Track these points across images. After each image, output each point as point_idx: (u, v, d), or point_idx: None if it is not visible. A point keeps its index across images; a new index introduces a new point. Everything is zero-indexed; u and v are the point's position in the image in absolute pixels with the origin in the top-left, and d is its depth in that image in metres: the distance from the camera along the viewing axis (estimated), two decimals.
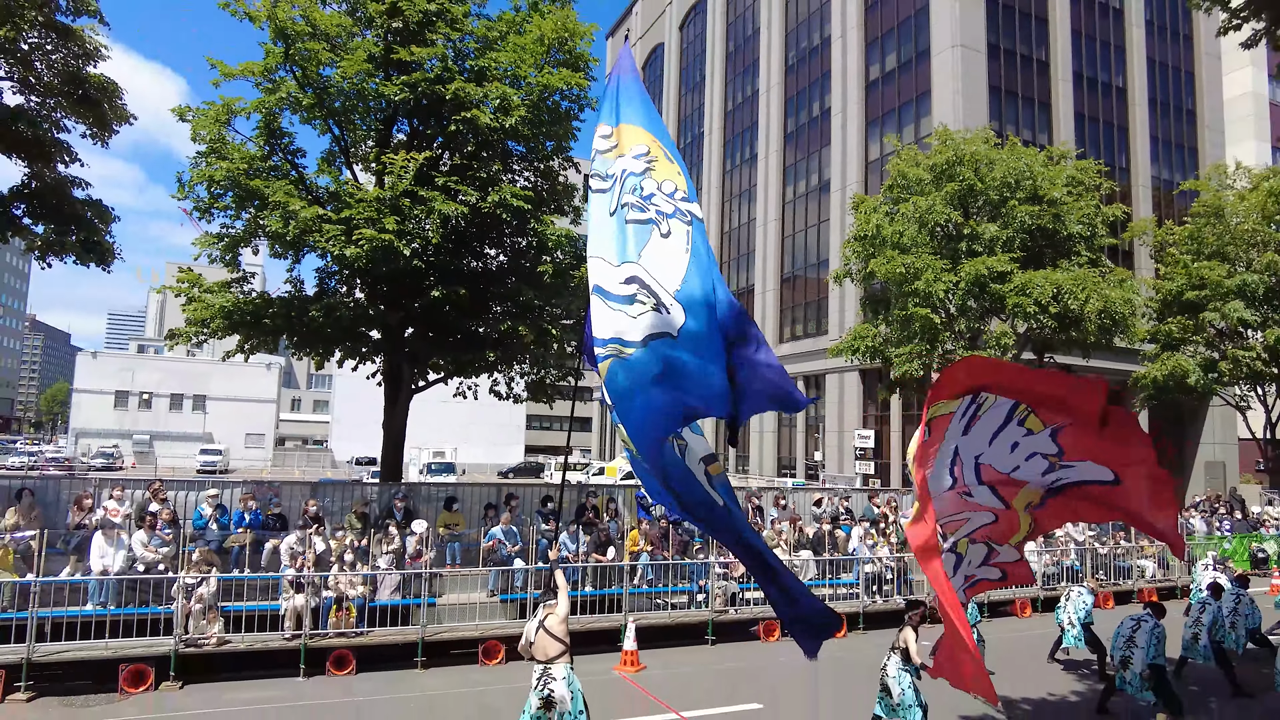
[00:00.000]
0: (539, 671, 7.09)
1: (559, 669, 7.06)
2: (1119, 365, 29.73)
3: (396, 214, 13.26)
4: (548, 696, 6.98)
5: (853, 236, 21.46)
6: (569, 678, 7.07)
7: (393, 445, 16.48)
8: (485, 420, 62.40)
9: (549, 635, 7.14)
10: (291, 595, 10.90)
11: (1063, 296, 18.25)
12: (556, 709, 6.91)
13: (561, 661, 7.09)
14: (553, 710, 6.93)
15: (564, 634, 7.16)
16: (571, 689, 7.05)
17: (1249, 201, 25.04)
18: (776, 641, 13.14)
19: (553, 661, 7.06)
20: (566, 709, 6.93)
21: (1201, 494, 30.12)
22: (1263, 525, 22.88)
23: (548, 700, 6.97)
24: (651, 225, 5.38)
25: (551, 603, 7.32)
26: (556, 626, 7.14)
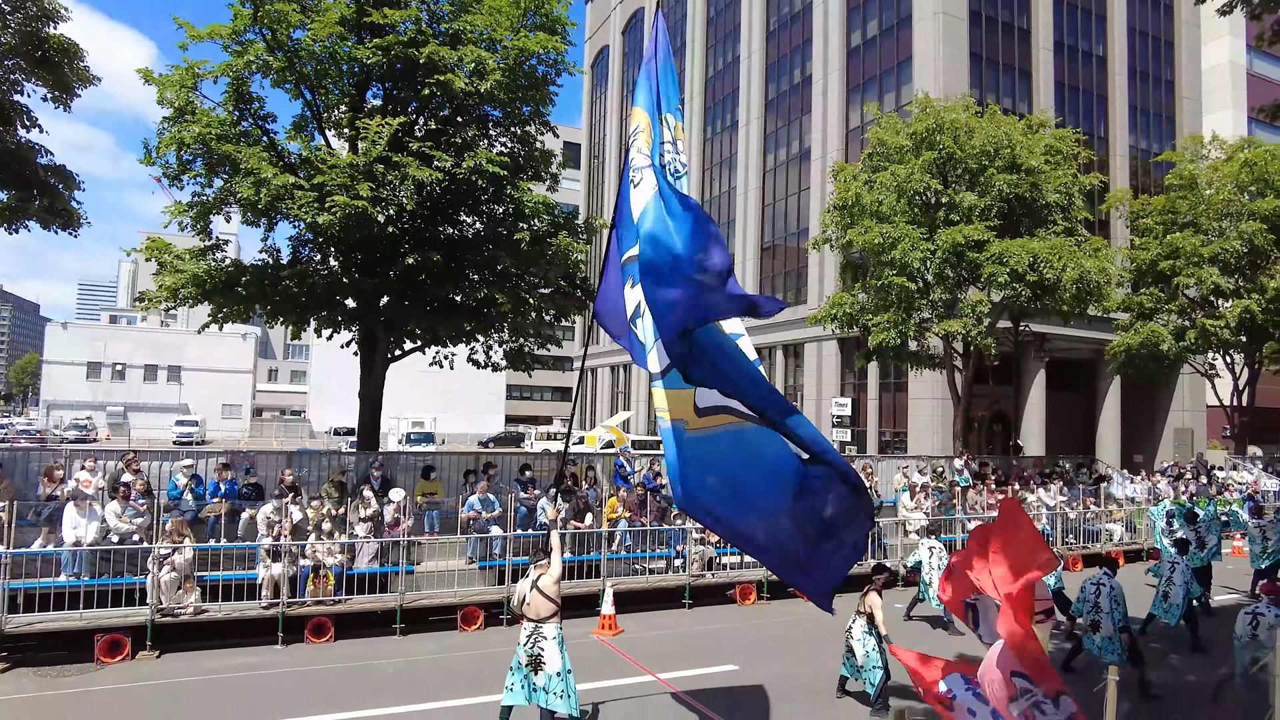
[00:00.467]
0: (530, 630, 7.19)
1: (550, 628, 7.18)
2: (1093, 334, 30.10)
3: (370, 180, 13.05)
4: (537, 655, 7.11)
5: (832, 205, 21.40)
6: (559, 637, 7.21)
7: (369, 414, 16.40)
8: (465, 390, 62.27)
9: (542, 595, 7.24)
10: (268, 564, 10.89)
11: (1039, 265, 18.37)
12: (545, 668, 7.04)
13: (553, 622, 7.22)
14: (541, 668, 7.06)
15: (556, 595, 7.29)
16: (560, 649, 7.20)
17: (1222, 172, 25.28)
18: (752, 605, 13.35)
19: (544, 621, 7.18)
20: (556, 668, 7.06)
21: (1170, 460, 30.79)
22: (1226, 490, 23.43)
23: (536, 659, 7.11)
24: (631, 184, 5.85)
25: (544, 563, 7.42)
26: (550, 587, 7.25)
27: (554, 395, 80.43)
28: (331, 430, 54.12)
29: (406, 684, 9.09)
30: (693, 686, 9.16)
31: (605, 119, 66.62)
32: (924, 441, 30.80)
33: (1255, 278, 23.86)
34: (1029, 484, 19.89)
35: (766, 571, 13.90)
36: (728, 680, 9.51)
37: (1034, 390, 32.41)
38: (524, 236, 14.54)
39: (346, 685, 9.04)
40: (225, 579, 10.74)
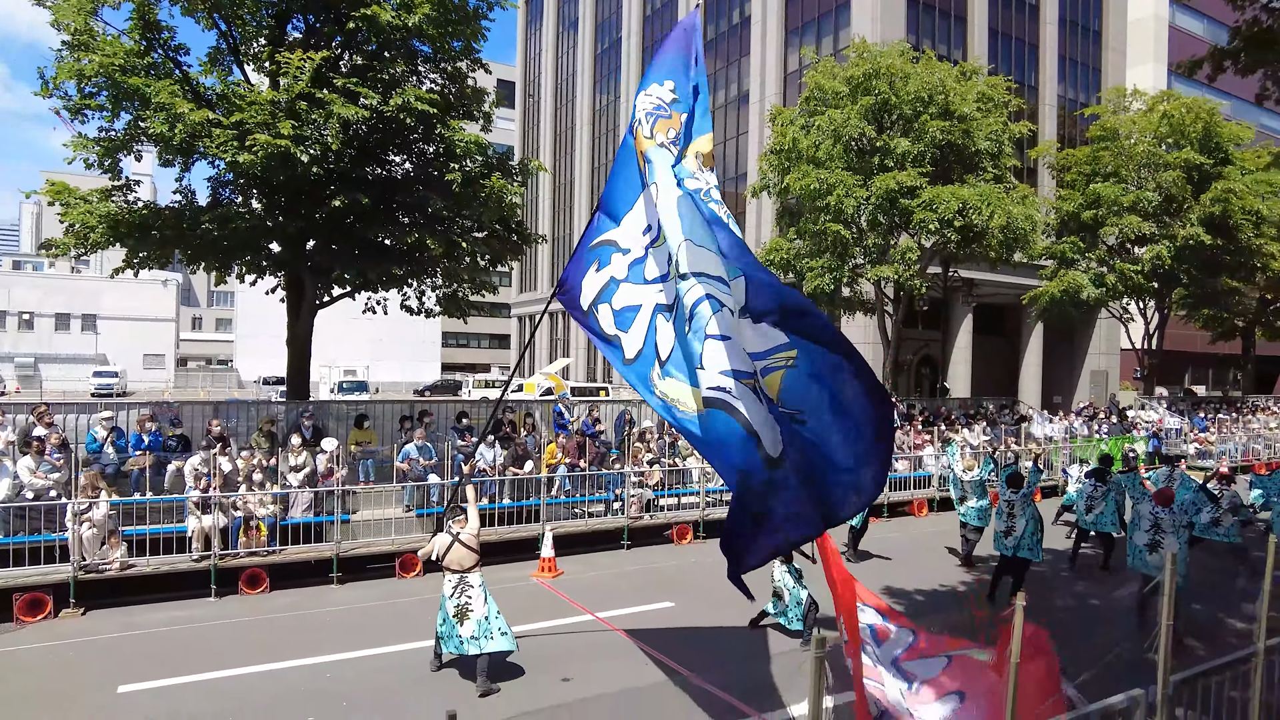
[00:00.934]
0: (455, 581, 7.38)
1: (474, 577, 7.43)
2: (1018, 280, 31.12)
3: (293, 118, 12.44)
4: (464, 605, 7.27)
5: (769, 150, 21.40)
6: (483, 584, 7.48)
7: (298, 362, 15.96)
8: (398, 338, 61.17)
9: (465, 547, 7.46)
10: (198, 516, 10.63)
11: (968, 212, 18.79)
12: (472, 616, 7.20)
13: (476, 571, 7.45)
14: (468, 619, 7.22)
15: (477, 545, 7.50)
16: (485, 594, 7.43)
17: (1141, 125, 26.12)
18: (688, 544, 13.68)
19: (469, 571, 7.41)
20: (483, 614, 7.26)
21: (1085, 400, 32.39)
22: (1135, 428, 24.84)
23: (463, 608, 7.26)
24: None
25: (461, 518, 7.61)
26: (471, 540, 7.47)
27: (491, 343, 79.60)
28: (261, 380, 52.58)
29: (346, 631, 9.07)
30: (631, 624, 9.39)
31: (540, 56, 64.74)
32: None
33: (1170, 226, 24.92)
34: (954, 425, 20.70)
35: (702, 512, 14.24)
36: (664, 617, 9.78)
37: (961, 334, 33.47)
38: (456, 177, 14.13)
39: (284, 635, 8.99)
40: (153, 533, 10.47)
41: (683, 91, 6.18)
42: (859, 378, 4.65)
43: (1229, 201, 24.08)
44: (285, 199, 14.31)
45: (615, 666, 8.08)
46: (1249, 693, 4.56)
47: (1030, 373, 36.82)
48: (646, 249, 6.16)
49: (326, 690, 7.44)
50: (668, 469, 14.61)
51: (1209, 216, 24.32)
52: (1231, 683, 4.55)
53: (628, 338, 6.19)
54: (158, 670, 7.83)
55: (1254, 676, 4.53)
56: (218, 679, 7.67)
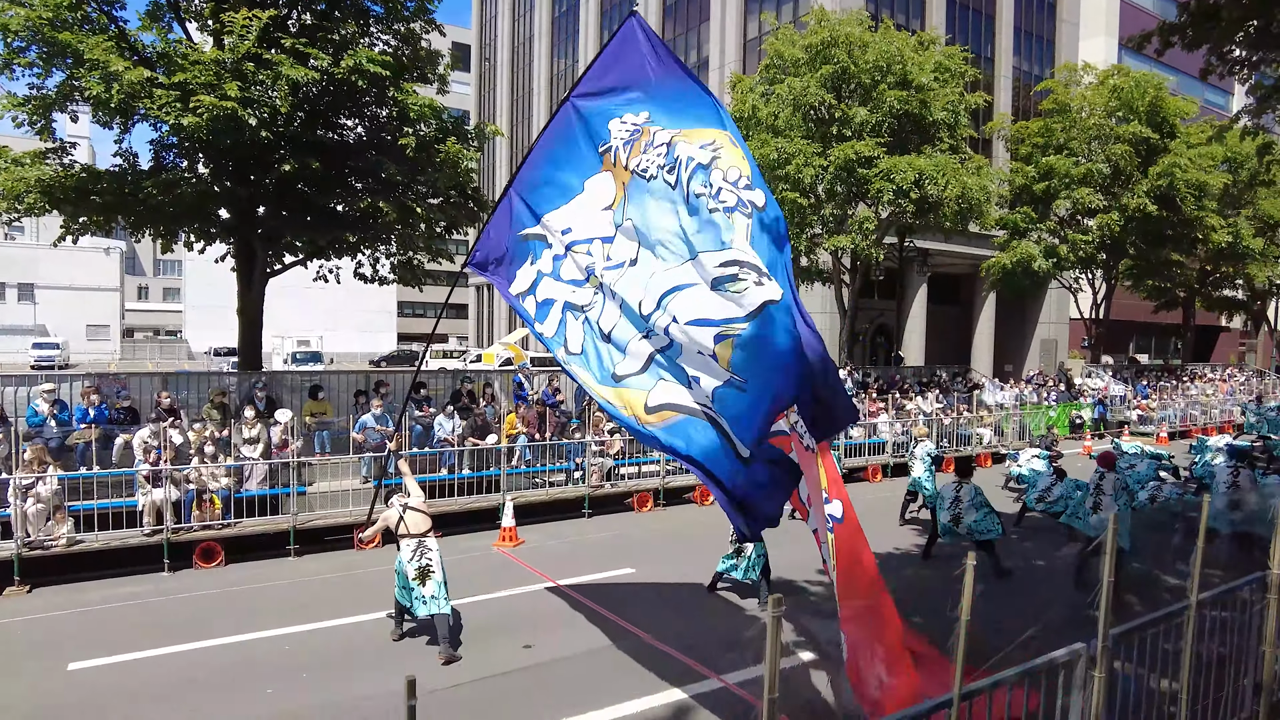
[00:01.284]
0: (414, 545, 7.51)
1: (431, 540, 7.58)
2: (972, 250, 31.67)
3: (239, 79, 12.02)
4: (425, 566, 7.40)
5: None
6: (439, 548, 7.65)
7: (250, 333, 15.60)
8: (354, 307, 60.06)
9: (418, 512, 7.60)
10: (148, 490, 10.40)
11: (924, 182, 19.01)
12: (433, 577, 7.34)
13: (432, 534, 7.56)
14: (429, 579, 7.35)
15: (428, 509, 7.72)
16: (440, 558, 7.62)
17: (1092, 100, 26.61)
18: (649, 511, 13.82)
19: (426, 535, 7.55)
20: (440, 577, 7.41)
21: (1035, 369, 33.29)
22: (1082, 395, 25.64)
23: (425, 570, 7.39)
24: (732, 212, 5.22)
25: (402, 494, 7.79)
26: (421, 505, 7.64)
27: (449, 312, 78.54)
28: (211, 351, 51.24)
29: (305, 603, 9.01)
30: (592, 591, 9.48)
31: (496, 19, 63.35)
32: None
33: (1119, 197, 25.53)
34: (908, 393, 21.13)
35: (663, 480, 14.37)
36: (625, 582, 9.89)
37: (916, 304, 34.03)
38: (409, 142, 13.82)
39: (242, 608, 8.88)
40: (101, 507, 10.20)
41: (656, 105, 5.95)
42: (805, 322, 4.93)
43: (1174, 175, 24.73)
44: (233, 164, 13.87)
45: (577, 633, 8.17)
46: (1181, 644, 4.78)
47: (982, 342, 37.65)
48: (566, 249, 6.20)
49: (286, 662, 7.40)
50: (628, 438, 14.67)
51: (1155, 189, 24.97)
52: (1165, 635, 4.77)
53: (548, 327, 6.35)
54: (111, 646, 7.69)
55: (1186, 628, 4.76)
56: (174, 653, 7.56)
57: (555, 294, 6.31)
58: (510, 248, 6.69)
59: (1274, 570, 5.46)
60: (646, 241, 5.66)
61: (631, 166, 5.78)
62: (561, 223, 6.26)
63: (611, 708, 6.43)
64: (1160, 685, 4.86)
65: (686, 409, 5.35)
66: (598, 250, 5.98)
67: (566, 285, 6.24)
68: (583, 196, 6.15)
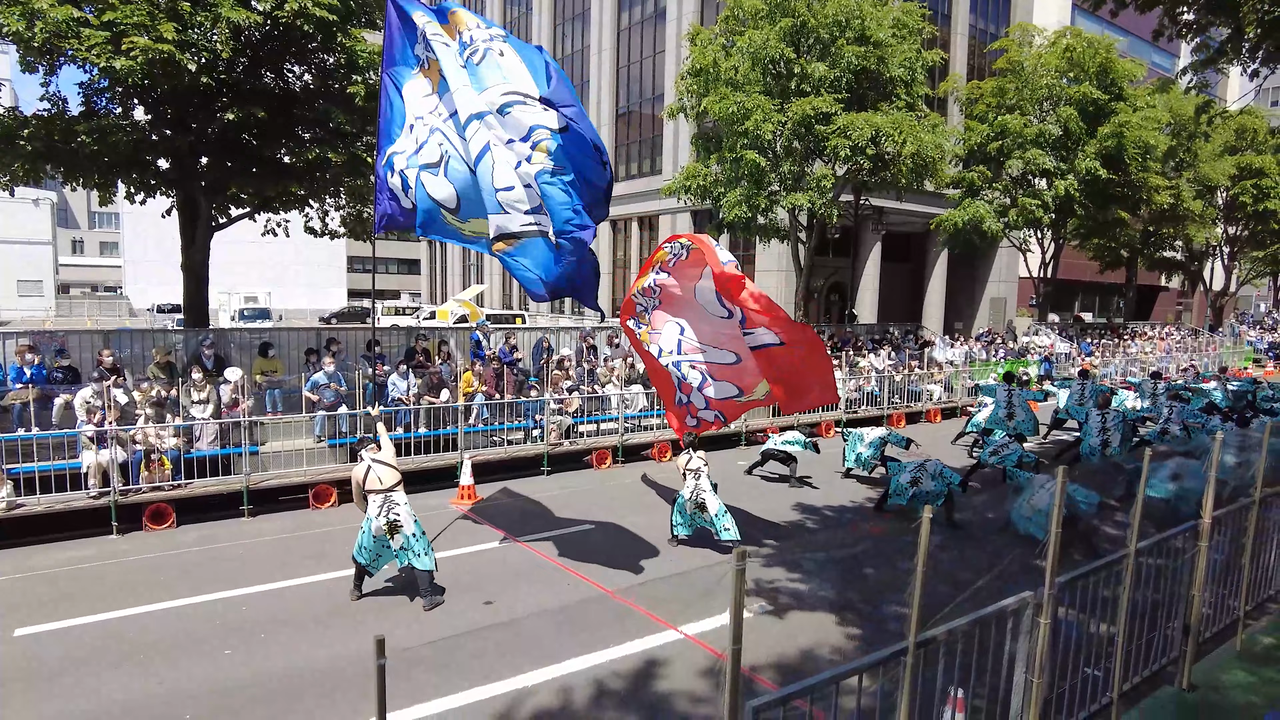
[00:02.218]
0: (381, 500, 7.48)
1: (398, 494, 7.54)
2: (926, 208, 32.00)
3: (175, 20, 11.44)
4: (394, 520, 7.39)
5: (687, 71, 21.01)
6: (407, 502, 7.65)
7: (195, 288, 15.11)
8: (302, 262, 58.57)
9: (386, 466, 7.56)
10: (94, 451, 10.09)
11: (880, 139, 19.05)
12: (402, 529, 7.35)
13: (399, 488, 7.51)
14: (398, 532, 7.36)
15: (396, 464, 7.59)
16: (411, 512, 7.65)
17: (1045, 60, 26.86)
18: (607, 469, 13.91)
19: (393, 489, 7.50)
20: (412, 530, 7.42)
21: (985, 326, 34.08)
22: (1028, 352, 26.37)
23: (394, 524, 7.40)
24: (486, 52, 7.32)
25: (371, 445, 7.71)
26: (390, 458, 7.56)
27: (401, 268, 77.15)
28: (154, 307, 49.58)
29: (260, 564, 8.90)
30: (551, 547, 9.55)
31: None
32: None
33: (1070, 160, 25.96)
34: (861, 350, 21.48)
35: (622, 438, 14.45)
36: (585, 538, 9.98)
37: (869, 262, 34.39)
38: (358, 90, 13.36)
39: (196, 570, 8.74)
40: (42, 470, 9.87)
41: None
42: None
43: (1123, 135, 25.22)
44: (172, 110, 13.27)
45: (537, 588, 8.24)
46: (1119, 590, 5.02)
47: (934, 299, 38.32)
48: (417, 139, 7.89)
49: (244, 623, 7.33)
50: (587, 396, 14.68)
51: (1104, 149, 25.45)
52: (1105, 582, 5.00)
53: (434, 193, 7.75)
54: (58, 611, 7.52)
55: (1125, 575, 4.99)
56: (126, 616, 7.43)
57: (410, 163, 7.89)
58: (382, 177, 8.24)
59: (1205, 519, 5.74)
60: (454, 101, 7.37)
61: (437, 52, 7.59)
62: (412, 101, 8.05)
63: (575, 659, 6.53)
64: (1100, 629, 5.11)
65: (520, 234, 7.18)
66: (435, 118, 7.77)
67: (416, 156, 7.82)
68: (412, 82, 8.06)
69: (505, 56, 7.18)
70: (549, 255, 7.08)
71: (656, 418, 15.48)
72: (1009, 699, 4.45)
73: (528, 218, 7.07)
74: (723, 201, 20.78)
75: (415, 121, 7.86)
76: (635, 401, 15.32)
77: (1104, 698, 5.15)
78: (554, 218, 6.83)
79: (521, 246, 7.25)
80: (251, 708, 5.85)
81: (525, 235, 7.18)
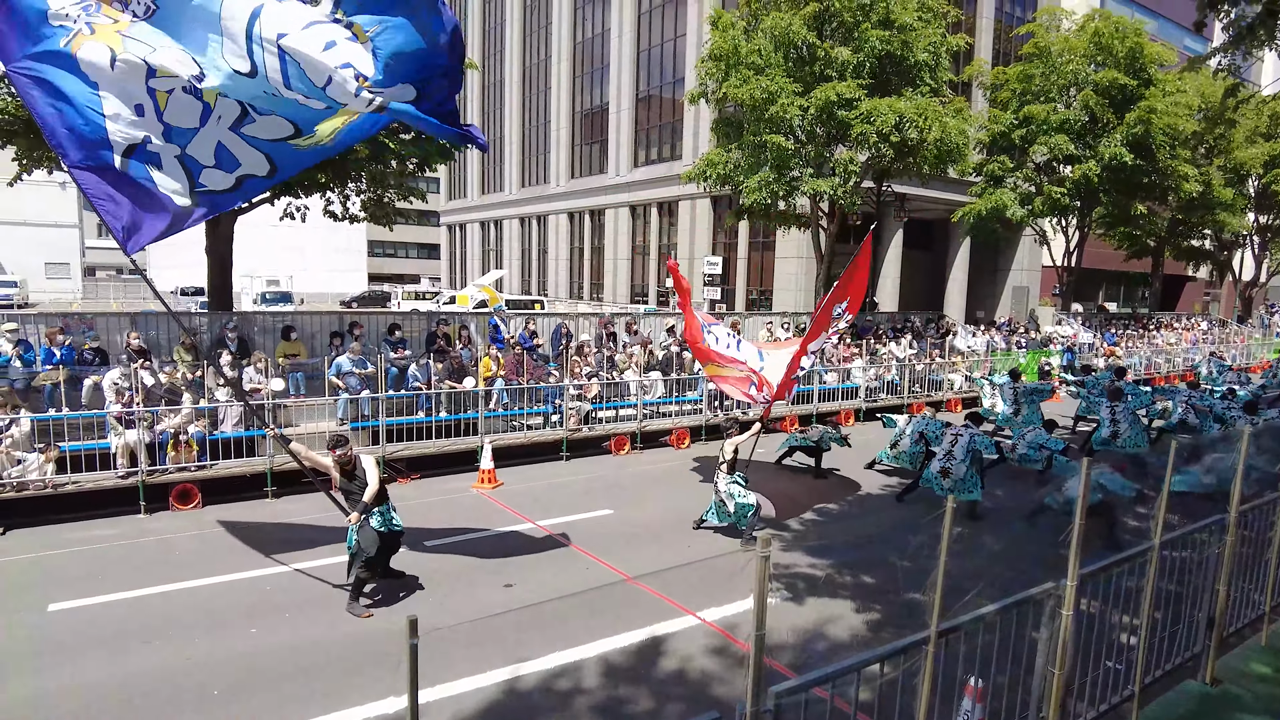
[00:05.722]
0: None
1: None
2: (948, 195, 31.68)
3: None
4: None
5: (708, 55, 20.84)
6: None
7: (219, 272, 15.26)
8: (323, 246, 58.89)
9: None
10: (121, 432, 10.27)
11: (904, 126, 18.83)
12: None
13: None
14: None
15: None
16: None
17: (1073, 44, 26.38)
18: (626, 454, 13.96)
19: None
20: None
21: (1007, 315, 33.74)
22: (1051, 342, 26.08)
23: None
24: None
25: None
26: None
27: (420, 252, 77.48)
28: (178, 290, 50.11)
29: (284, 544, 9.03)
30: (570, 531, 9.62)
31: None
32: (788, 299, 32.14)
33: (1095, 145, 25.54)
34: (882, 338, 21.35)
35: (640, 424, 14.49)
36: (603, 523, 10.05)
37: (891, 249, 34.12)
38: None
39: (221, 549, 8.90)
40: (73, 450, 10.07)
41: None
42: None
43: (1150, 121, 24.76)
44: None
45: (556, 572, 8.31)
46: (1143, 581, 4.99)
47: (955, 288, 37.98)
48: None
49: (268, 602, 7.46)
50: (606, 382, 14.72)
51: (1131, 135, 25.01)
52: (1129, 574, 4.97)
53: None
54: (90, 587, 7.69)
55: (1149, 568, 4.96)
56: (155, 594, 7.59)
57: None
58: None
59: (1232, 513, 5.68)
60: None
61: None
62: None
63: (594, 643, 6.59)
64: (1121, 620, 5.09)
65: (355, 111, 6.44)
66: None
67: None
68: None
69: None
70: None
71: (675, 404, 15.50)
72: (1029, 689, 4.45)
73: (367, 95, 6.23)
74: (743, 187, 20.65)
75: (151, 93, 6.37)
76: (654, 388, 15.34)
77: (1125, 690, 5.13)
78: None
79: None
80: (277, 682, 5.97)
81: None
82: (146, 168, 6.52)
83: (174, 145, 6.56)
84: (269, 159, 6.92)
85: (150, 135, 6.46)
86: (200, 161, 6.68)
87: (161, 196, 6.60)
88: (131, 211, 6.50)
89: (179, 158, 6.62)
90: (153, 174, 6.55)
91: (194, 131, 6.56)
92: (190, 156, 6.63)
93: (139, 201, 6.52)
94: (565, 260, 49.38)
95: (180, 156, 6.61)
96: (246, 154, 6.82)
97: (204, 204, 6.83)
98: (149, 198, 6.56)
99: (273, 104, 6.56)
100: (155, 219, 6.62)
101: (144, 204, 6.56)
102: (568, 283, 49.26)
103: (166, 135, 6.51)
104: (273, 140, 6.83)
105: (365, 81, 6.08)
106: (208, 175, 6.76)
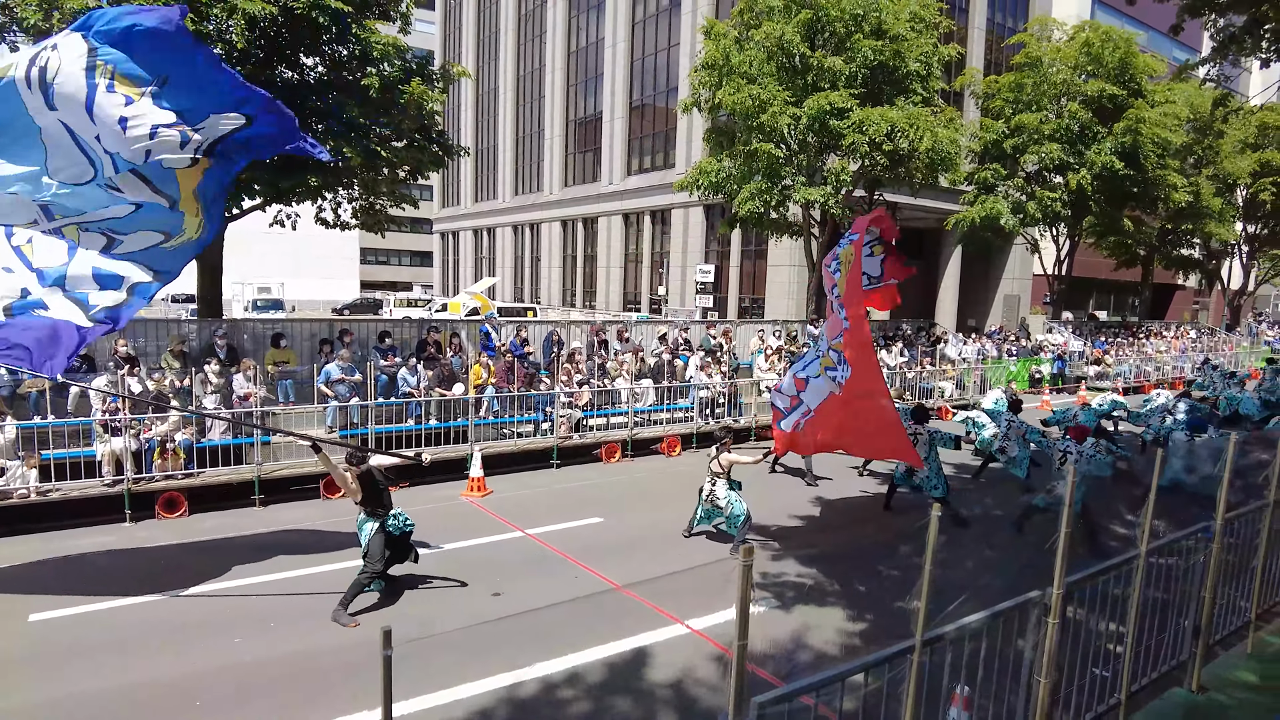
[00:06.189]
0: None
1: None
2: (939, 204, 31.78)
3: (193, 12, 11.47)
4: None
5: (701, 65, 20.92)
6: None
7: (209, 279, 15.22)
8: (314, 253, 58.77)
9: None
10: (107, 440, 10.19)
11: (895, 135, 18.91)
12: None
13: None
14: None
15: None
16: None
17: (1064, 54, 26.59)
18: (616, 462, 13.92)
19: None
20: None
21: (998, 324, 33.86)
22: (1042, 351, 26.18)
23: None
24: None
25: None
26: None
27: (412, 259, 77.35)
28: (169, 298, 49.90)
29: (271, 552, 8.96)
30: (560, 540, 9.57)
31: None
32: (779, 306, 32.18)
33: (1086, 155, 25.70)
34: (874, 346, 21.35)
35: (631, 431, 14.46)
36: (594, 531, 10.00)
37: None
38: (372, 82, 13.39)
39: (206, 558, 8.81)
40: (58, 457, 9.98)
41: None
42: None
43: (1139, 131, 24.93)
44: None
45: (546, 581, 8.26)
46: (1129, 589, 4.99)
47: (947, 296, 38.09)
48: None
49: (253, 612, 7.38)
50: (597, 390, 14.70)
51: (1120, 145, 25.18)
52: (1115, 581, 4.97)
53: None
54: (73, 597, 7.60)
55: (1135, 576, 4.96)
56: (137, 604, 7.51)
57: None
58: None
59: (1218, 520, 5.69)
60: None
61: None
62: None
63: (583, 652, 6.55)
64: (1108, 628, 5.08)
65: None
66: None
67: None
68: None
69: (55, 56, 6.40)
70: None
71: (666, 412, 15.48)
72: (1016, 698, 4.44)
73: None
74: (736, 196, 20.69)
75: (17, 250, 6.89)
76: (645, 396, 15.32)
77: (1112, 698, 5.12)
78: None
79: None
80: (261, 694, 5.91)
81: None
82: (31, 311, 6.74)
83: (54, 287, 6.84)
84: (147, 267, 7.29)
85: (26, 286, 6.74)
86: (82, 290, 6.95)
87: (58, 323, 6.79)
88: (38, 346, 6.63)
89: (64, 294, 6.89)
90: (41, 314, 6.76)
91: (64, 267, 6.86)
92: (71, 291, 6.90)
93: (40, 335, 6.66)
94: (558, 268, 49.39)
95: (64, 293, 6.88)
96: (125, 269, 7.16)
97: (104, 318, 7.05)
98: (47, 329, 6.72)
99: (130, 222, 7.03)
100: (66, 340, 6.79)
101: (45, 336, 6.70)
102: (560, 290, 49.26)
103: (42, 280, 6.80)
104: (145, 249, 7.23)
105: (177, 126, 6.62)
106: (96, 297, 7.00)
